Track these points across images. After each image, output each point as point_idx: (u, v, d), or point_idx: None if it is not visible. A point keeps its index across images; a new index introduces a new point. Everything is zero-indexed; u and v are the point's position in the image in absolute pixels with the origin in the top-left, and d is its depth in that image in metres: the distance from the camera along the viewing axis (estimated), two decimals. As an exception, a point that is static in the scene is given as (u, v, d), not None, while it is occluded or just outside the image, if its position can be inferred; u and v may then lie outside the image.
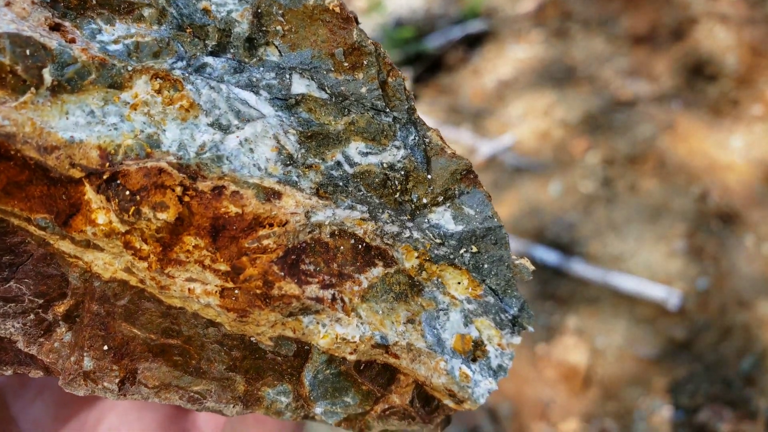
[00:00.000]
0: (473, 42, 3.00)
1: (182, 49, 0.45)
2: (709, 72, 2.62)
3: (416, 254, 0.48)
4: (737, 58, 2.61)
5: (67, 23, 0.43)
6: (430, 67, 2.94)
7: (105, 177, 0.41)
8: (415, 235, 0.48)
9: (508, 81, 2.80)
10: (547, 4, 3.01)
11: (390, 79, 0.48)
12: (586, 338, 2.02)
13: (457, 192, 0.49)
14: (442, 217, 0.49)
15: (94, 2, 0.45)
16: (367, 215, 0.47)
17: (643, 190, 2.32)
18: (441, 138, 0.49)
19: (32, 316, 0.46)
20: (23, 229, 0.44)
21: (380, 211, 0.47)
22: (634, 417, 1.87)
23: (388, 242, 0.48)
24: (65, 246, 0.44)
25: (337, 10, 0.46)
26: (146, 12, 0.45)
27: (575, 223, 2.29)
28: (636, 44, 2.78)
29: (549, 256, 2.19)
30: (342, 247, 0.46)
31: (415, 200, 0.49)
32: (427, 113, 2.73)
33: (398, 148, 0.47)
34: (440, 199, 0.49)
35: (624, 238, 2.22)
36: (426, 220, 0.49)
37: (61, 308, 0.46)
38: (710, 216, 2.23)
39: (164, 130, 0.43)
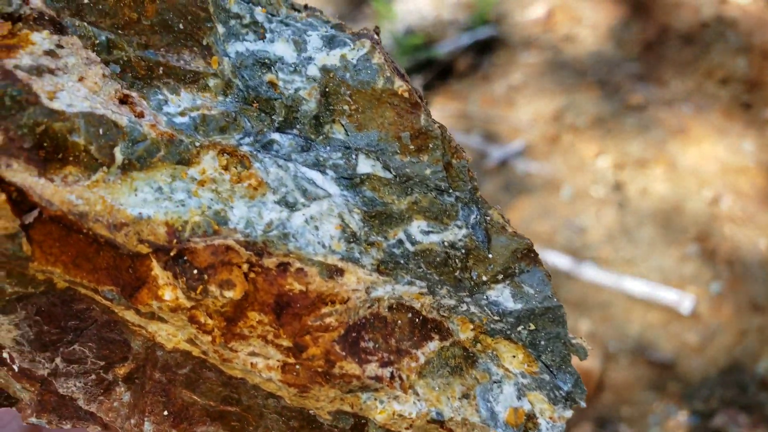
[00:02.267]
0: (483, 48, 3.01)
1: (249, 124, 0.46)
2: (720, 76, 2.61)
3: (472, 326, 0.49)
4: (748, 61, 2.61)
5: (134, 94, 0.45)
6: (440, 74, 2.95)
7: (172, 254, 0.42)
8: (472, 309, 0.49)
9: (518, 86, 2.80)
10: (556, 10, 3.02)
11: (454, 161, 0.49)
12: (598, 343, 2.01)
13: (517, 270, 0.50)
14: (501, 294, 0.50)
15: (161, 71, 0.46)
16: (425, 290, 0.47)
17: (655, 194, 2.32)
18: (502, 216, 0.50)
19: (93, 376, 0.48)
20: (89, 297, 0.45)
21: (439, 286, 0.48)
22: (649, 422, 1.86)
23: (444, 314, 0.48)
24: (129, 316, 0.45)
25: (406, 95, 0.47)
26: (211, 82, 0.46)
27: (587, 227, 2.29)
28: (646, 49, 2.78)
29: (561, 260, 2.19)
30: (399, 321, 0.47)
31: (474, 278, 0.49)
32: (437, 119, 2.74)
33: (460, 227, 0.48)
34: (500, 277, 0.50)
35: (636, 242, 2.21)
36: (484, 297, 0.49)
37: (122, 370, 0.48)
38: (723, 219, 2.22)
39: (232, 207, 0.43)
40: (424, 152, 0.48)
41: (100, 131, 0.41)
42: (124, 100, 0.44)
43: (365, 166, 0.47)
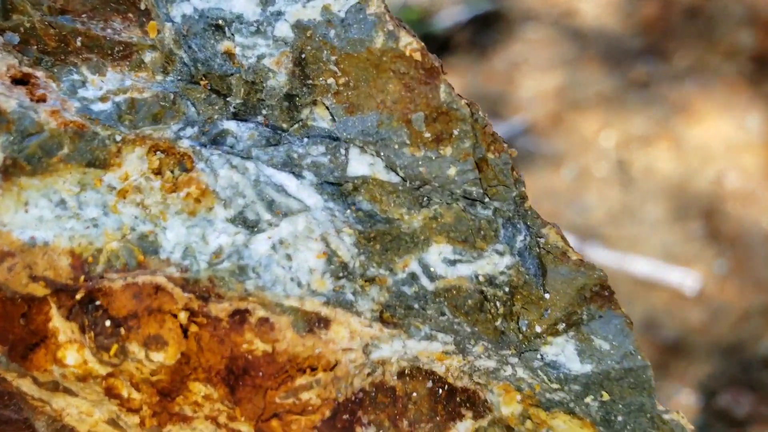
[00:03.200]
0: (482, 23, 2.96)
1: (193, 109, 0.34)
2: (725, 50, 2.58)
3: (519, 396, 0.36)
4: (753, 36, 2.58)
5: (39, 73, 0.33)
6: (438, 50, 2.90)
7: (78, 297, 0.31)
8: (520, 372, 0.37)
9: (519, 62, 2.77)
10: (557, -17, 2.97)
11: (490, 155, 0.37)
12: (602, 323, 2.01)
13: (585, 316, 0.38)
14: (563, 352, 0.37)
15: (79, 44, 0.34)
16: (452, 347, 0.35)
17: (659, 172, 2.31)
18: (562, 237, 0.38)
19: None
20: None
21: (472, 342, 0.36)
22: (652, 401, 1.88)
23: (480, 380, 0.36)
24: (26, 386, 0.33)
25: (417, 56, 0.35)
26: (148, 56, 0.34)
27: (590, 207, 2.27)
28: (649, 23, 2.74)
29: (564, 240, 2.18)
30: (415, 394, 0.34)
31: (523, 328, 0.37)
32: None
33: (501, 253, 0.36)
34: (561, 326, 0.37)
35: (640, 222, 2.21)
36: (538, 355, 0.37)
37: None
38: (727, 197, 2.21)
39: (164, 228, 0.32)
40: (445, 142, 0.36)
41: None
42: (22, 80, 0.33)
43: (360, 164, 0.35)
